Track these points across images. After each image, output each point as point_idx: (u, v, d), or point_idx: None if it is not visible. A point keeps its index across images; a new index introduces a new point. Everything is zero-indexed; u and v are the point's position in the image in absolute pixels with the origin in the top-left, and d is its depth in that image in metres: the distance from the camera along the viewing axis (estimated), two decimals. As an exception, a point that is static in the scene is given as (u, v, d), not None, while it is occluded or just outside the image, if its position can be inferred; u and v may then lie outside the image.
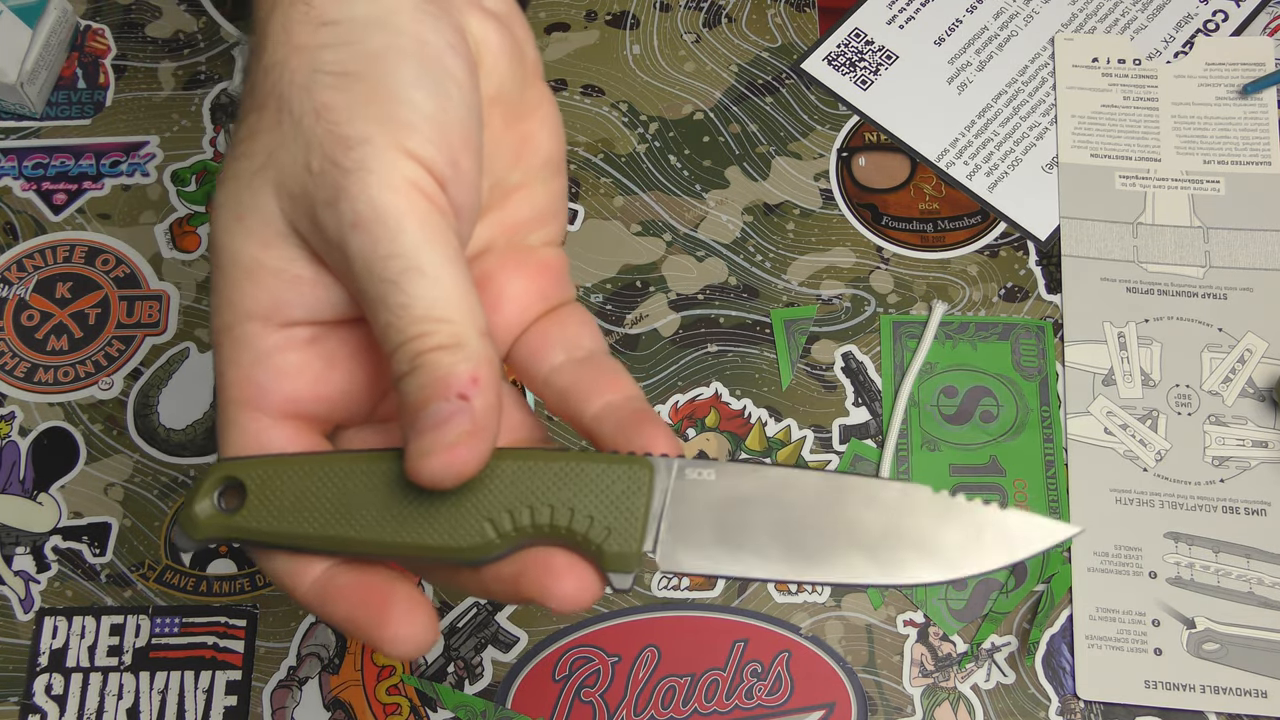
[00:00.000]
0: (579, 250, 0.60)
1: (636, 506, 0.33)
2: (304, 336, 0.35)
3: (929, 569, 0.33)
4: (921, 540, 0.33)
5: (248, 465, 0.34)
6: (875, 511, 0.34)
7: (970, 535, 0.33)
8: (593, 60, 0.64)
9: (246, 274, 0.34)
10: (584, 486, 0.33)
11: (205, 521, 0.34)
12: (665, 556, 0.34)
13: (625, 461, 0.34)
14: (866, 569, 0.33)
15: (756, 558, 0.34)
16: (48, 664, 0.54)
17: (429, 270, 0.33)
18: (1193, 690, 0.52)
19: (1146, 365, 0.57)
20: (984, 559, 0.33)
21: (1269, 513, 0.54)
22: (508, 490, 0.33)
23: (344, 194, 0.33)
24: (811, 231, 0.61)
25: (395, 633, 0.33)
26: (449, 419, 0.32)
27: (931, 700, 0.52)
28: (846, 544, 0.34)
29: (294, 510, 0.34)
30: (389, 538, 0.33)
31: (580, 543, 0.33)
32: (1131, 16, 0.64)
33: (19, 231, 0.61)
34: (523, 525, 0.33)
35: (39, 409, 0.58)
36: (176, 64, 0.65)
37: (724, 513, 0.34)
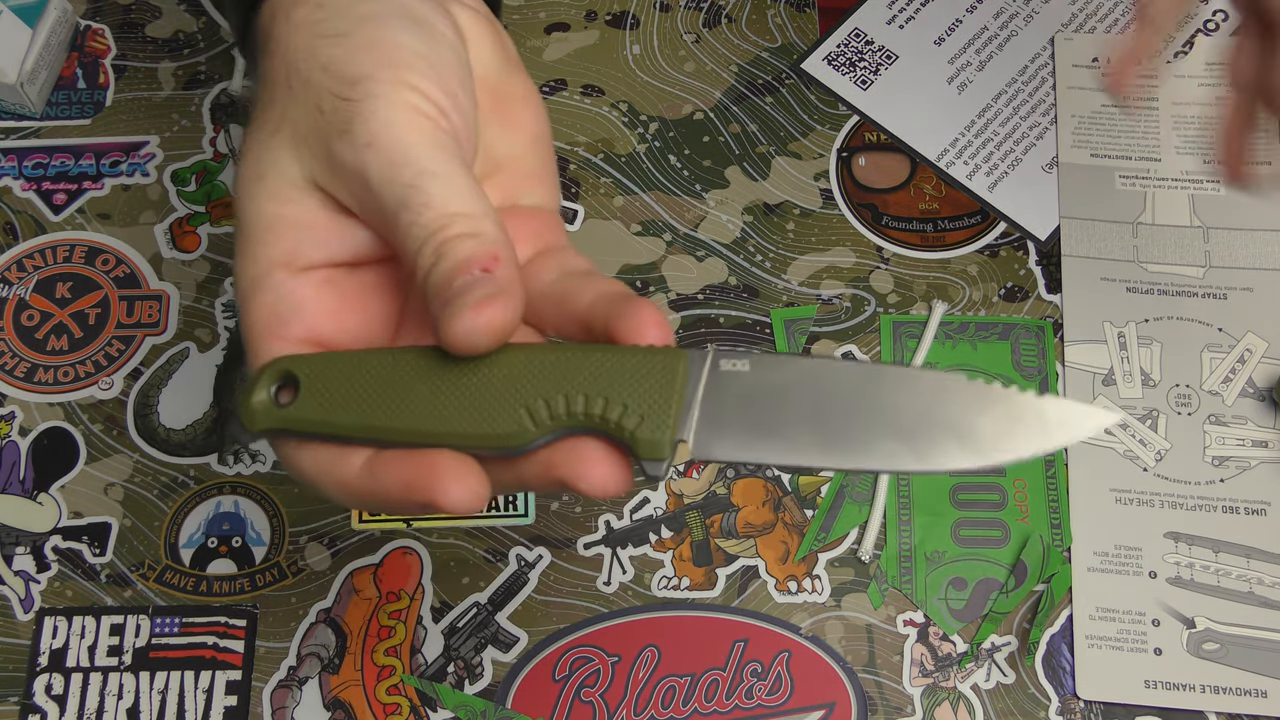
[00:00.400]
0: (579, 250, 0.60)
1: (670, 395, 0.34)
2: (321, 277, 0.37)
3: (965, 455, 0.33)
4: (957, 426, 0.33)
5: (300, 360, 0.36)
6: (910, 398, 0.34)
7: (1006, 419, 0.33)
8: (593, 60, 0.64)
9: (268, 228, 0.36)
10: (618, 376, 0.34)
11: (262, 414, 0.35)
12: (699, 444, 0.34)
13: (660, 353, 0.34)
14: (902, 455, 0.33)
15: (789, 445, 0.34)
16: (48, 664, 0.54)
17: (442, 173, 0.35)
18: (1193, 690, 0.52)
19: (1146, 365, 0.57)
20: (1020, 445, 0.33)
21: (1269, 512, 0.54)
22: (544, 380, 0.34)
23: (355, 119, 0.35)
24: (811, 231, 0.61)
25: (449, 485, 0.34)
26: (475, 284, 0.34)
27: (931, 700, 0.52)
28: (882, 430, 0.34)
29: (344, 401, 0.35)
30: (431, 426, 0.34)
31: (614, 430, 0.34)
32: (1131, 16, 0.64)
33: (19, 231, 0.61)
34: (558, 414, 0.34)
35: (39, 409, 0.58)
36: (176, 64, 0.65)
37: (758, 402, 0.34)
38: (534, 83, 0.43)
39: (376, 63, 0.36)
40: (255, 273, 0.36)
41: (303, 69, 0.37)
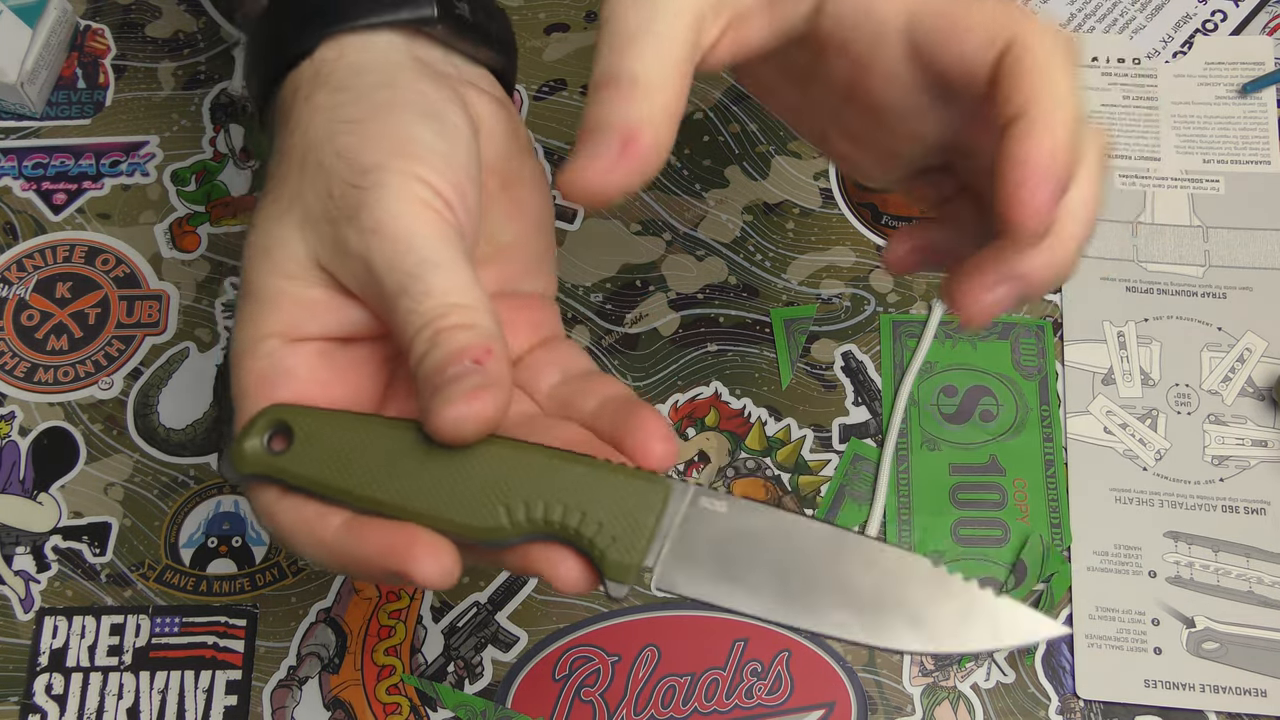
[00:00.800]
0: (579, 250, 0.60)
1: (645, 522, 0.35)
2: (315, 349, 0.38)
3: (912, 637, 0.35)
4: (911, 610, 0.35)
5: (298, 413, 0.36)
6: (872, 574, 0.35)
7: (959, 613, 0.35)
8: (593, 60, 0.64)
9: (270, 300, 0.38)
10: (600, 493, 0.35)
11: (252, 458, 0.36)
12: (663, 575, 0.35)
13: (644, 478, 0.35)
14: (854, 628, 0.35)
15: (750, 595, 0.35)
16: (48, 664, 0.54)
17: (444, 263, 0.36)
18: (1192, 689, 0.52)
19: (1146, 364, 0.57)
20: (967, 640, 0.35)
21: (1268, 512, 0.55)
22: (526, 482, 0.35)
23: (363, 206, 0.36)
24: (811, 231, 0.61)
25: (425, 559, 0.34)
26: (462, 375, 0.35)
27: (931, 699, 0.52)
28: (839, 600, 0.35)
29: (334, 461, 0.36)
30: (414, 504, 0.35)
31: (586, 545, 0.35)
32: (1130, 16, 0.65)
33: (19, 231, 0.61)
34: (535, 518, 0.35)
35: (39, 409, 0.58)
36: (176, 64, 0.65)
37: (728, 545, 0.35)
38: (540, 164, 0.45)
39: (388, 153, 0.37)
40: (251, 337, 0.38)
41: (318, 152, 0.38)
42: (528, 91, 0.64)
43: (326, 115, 0.39)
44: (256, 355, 0.38)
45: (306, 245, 0.38)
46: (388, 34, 0.42)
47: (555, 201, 0.61)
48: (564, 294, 0.60)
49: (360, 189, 0.37)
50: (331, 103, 0.39)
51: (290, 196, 0.39)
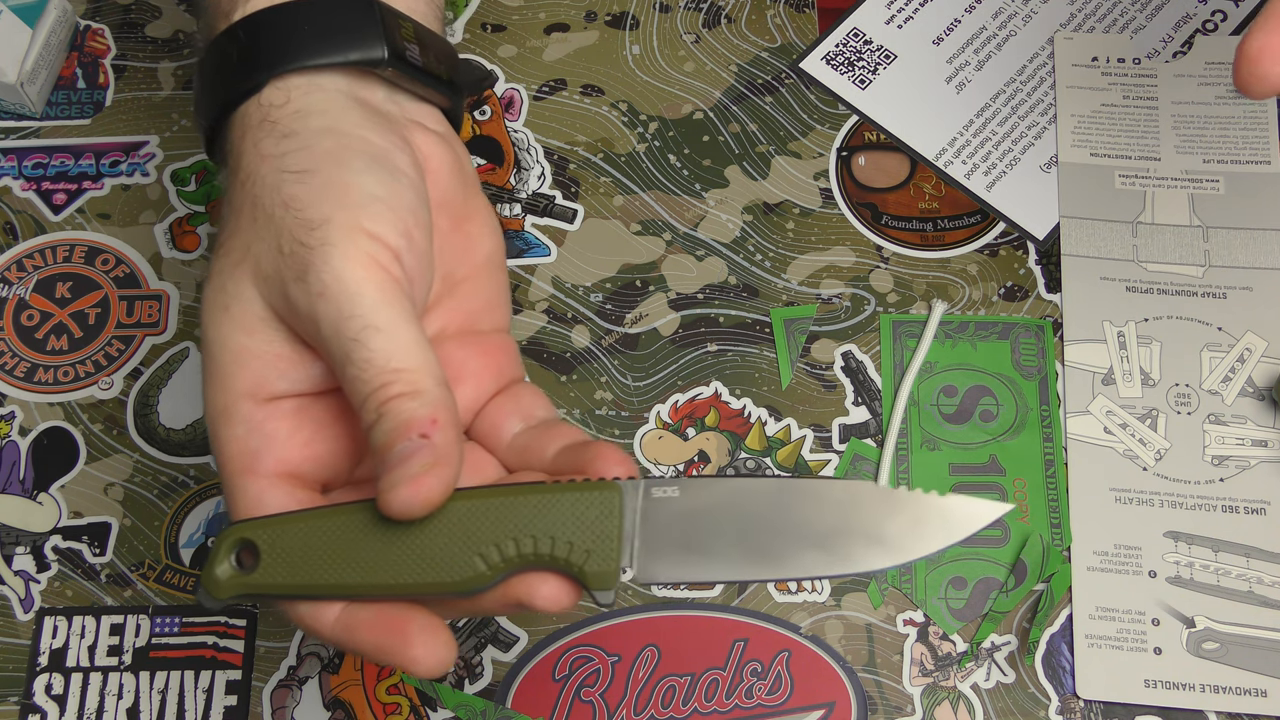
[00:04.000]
0: (579, 250, 0.60)
1: (610, 528, 0.37)
2: (289, 407, 0.39)
3: (879, 556, 0.37)
4: (868, 531, 0.37)
5: (256, 526, 0.37)
6: (824, 509, 0.37)
7: (912, 521, 0.37)
8: (592, 60, 0.65)
9: (234, 358, 0.39)
10: (560, 515, 0.37)
11: (226, 583, 0.37)
12: (641, 570, 0.37)
13: (595, 487, 0.37)
14: (823, 561, 0.37)
15: (722, 562, 0.37)
16: (48, 664, 0.54)
17: (385, 327, 0.36)
18: (1193, 689, 0.52)
19: (1146, 364, 0.57)
20: (927, 542, 0.37)
21: (1268, 512, 0.55)
22: (492, 525, 0.37)
23: (310, 268, 0.37)
24: (811, 231, 0.61)
25: (418, 653, 0.36)
26: (412, 454, 0.36)
27: (931, 699, 0.52)
28: (801, 542, 0.37)
29: (303, 563, 0.37)
30: (391, 579, 0.37)
31: (564, 566, 0.37)
32: (1130, 16, 0.65)
33: (19, 231, 0.61)
34: (509, 556, 0.37)
35: (39, 409, 0.58)
36: (176, 64, 0.65)
37: (689, 525, 0.37)
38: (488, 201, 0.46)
39: (335, 204, 0.38)
40: (224, 402, 0.39)
41: (266, 203, 0.39)
42: (527, 91, 0.64)
43: (274, 164, 0.39)
44: (233, 422, 0.38)
45: (263, 301, 0.39)
46: (333, 75, 0.42)
47: (555, 202, 0.61)
48: (564, 294, 0.60)
49: (308, 248, 0.37)
50: (278, 150, 0.40)
51: (242, 249, 0.39)
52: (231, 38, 0.43)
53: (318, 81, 0.42)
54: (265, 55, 0.42)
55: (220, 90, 0.42)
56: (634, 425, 0.57)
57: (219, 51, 0.43)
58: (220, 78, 0.43)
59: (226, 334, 0.39)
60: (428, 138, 0.44)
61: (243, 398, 0.39)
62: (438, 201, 0.43)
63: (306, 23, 0.42)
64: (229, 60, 0.42)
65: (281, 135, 0.40)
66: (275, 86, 0.41)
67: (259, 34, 0.42)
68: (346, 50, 0.42)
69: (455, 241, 0.44)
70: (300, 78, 0.42)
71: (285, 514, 0.38)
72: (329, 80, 0.42)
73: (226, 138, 0.43)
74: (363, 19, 0.43)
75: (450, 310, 0.44)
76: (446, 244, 0.43)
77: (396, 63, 0.43)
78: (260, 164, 0.40)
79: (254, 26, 0.42)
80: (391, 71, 0.43)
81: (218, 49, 0.43)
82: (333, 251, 0.37)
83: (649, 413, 0.57)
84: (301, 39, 0.42)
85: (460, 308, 0.44)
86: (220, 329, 0.39)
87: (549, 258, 0.60)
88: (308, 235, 0.37)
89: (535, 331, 0.59)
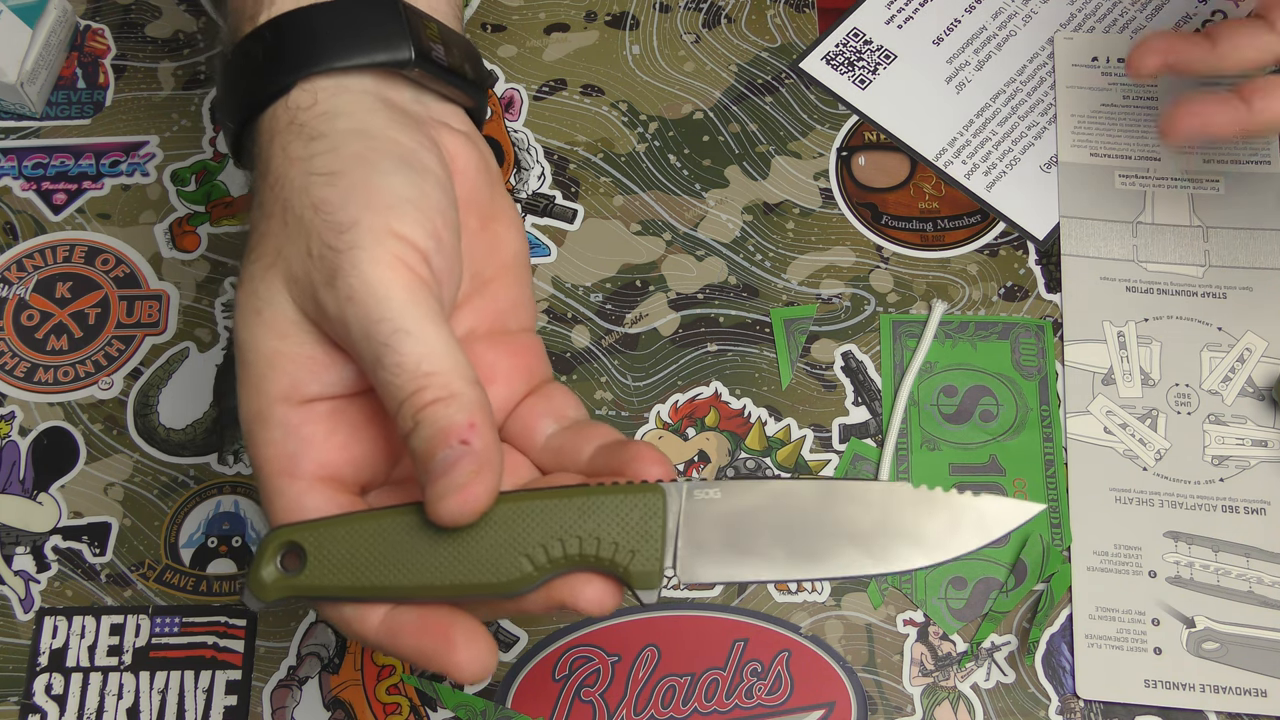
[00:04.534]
0: (579, 250, 0.60)
1: (654, 529, 0.37)
2: (325, 410, 0.39)
3: (917, 555, 0.38)
4: (907, 531, 0.38)
5: (303, 529, 0.38)
6: (864, 510, 0.38)
7: (949, 522, 0.38)
8: (592, 60, 0.65)
9: (268, 363, 0.39)
10: (606, 516, 0.37)
11: (272, 585, 0.38)
12: (685, 570, 0.38)
13: (640, 490, 0.38)
14: (863, 561, 0.38)
15: (765, 562, 0.38)
16: (48, 664, 0.54)
17: (414, 330, 0.37)
18: (1193, 689, 0.52)
19: (1146, 364, 0.57)
20: (964, 541, 0.38)
21: (1268, 512, 0.55)
22: (538, 528, 0.37)
23: (339, 273, 0.37)
24: (811, 231, 0.61)
25: (462, 659, 0.37)
26: (455, 463, 0.36)
27: (931, 699, 0.52)
28: (842, 541, 0.38)
29: (350, 566, 0.37)
30: (437, 581, 0.37)
31: (609, 567, 0.37)
32: (1130, 16, 0.65)
33: (19, 231, 0.61)
34: (555, 557, 0.37)
35: (39, 409, 0.58)
36: (176, 64, 0.65)
37: (731, 525, 0.38)
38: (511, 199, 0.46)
39: (363, 206, 0.38)
40: (259, 406, 0.39)
41: (295, 206, 0.39)
42: (527, 91, 0.64)
43: (302, 167, 0.40)
44: (269, 426, 0.39)
45: (294, 304, 0.39)
46: (360, 76, 0.42)
47: (555, 202, 0.61)
48: (564, 294, 0.60)
49: (336, 251, 0.37)
50: (307, 153, 0.40)
51: (273, 252, 0.39)
52: (258, 40, 0.43)
53: (344, 83, 0.42)
54: (292, 57, 0.42)
55: (247, 92, 0.43)
56: (634, 425, 0.57)
57: (245, 54, 0.43)
58: (247, 80, 0.43)
59: (259, 338, 0.39)
60: (454, 138, 0.44)
61: (277, 401, 0.39)
62: (465, 201, 0.43)
63: (333, 25, 0.42)
64: (255, 62, 0.42)
65: (309, 138, 0.40)
66: (302, 89, 0.42)
67: (285, 36, 0.42)
68: (373, 52, 0.42)
69: (483, 241, 0.44)
70: (327, 80, 0.42)
71: (331, 517, 0.38)
72: (355, 82, 0.42)
73: (254, 140, 0.43)
74: (389, 20, 0.43)
75: (479, 310, 0.44)
76: (475, 243, 0.43)
77: (423, 63, 0.43)
78: (289, 167, 0.40)
79: (280, 29, 0.42)
80: (418, 72, 0.43)
81: (244, 51, 0.43)
82: (360, 255, 0.37)
83: (649, 413, 0.57)
84: (328, 41, 0.42)
85: (489, 307, 0.44)
86: (253, 333, 0.39)
87: (549, 258, 0.60)
88: (336, 239, 0.38)
89: (535, 330, 0.59)
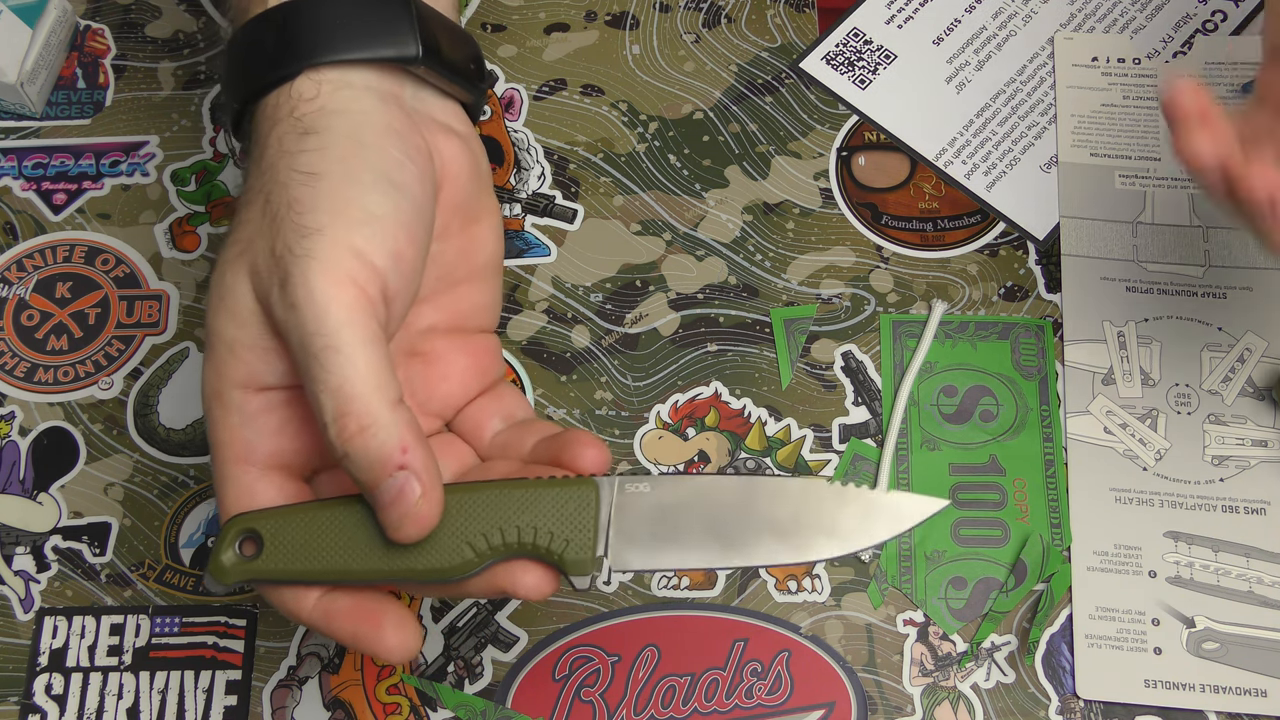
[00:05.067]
0: (579, 250, 0.60)
1: (587, 520, 0.40)
2: (279, 399, 0.40)
3: (832, 545, 0.41)
4: (824, 523, 0.41)
5: (260, 517, 0.40)
6: (785, 503, 0.41)
7: (862, 515, 0.41)
8: (592, 60, 0.65)
9: (228, 349, 0.40)
10: (542, 507, 0.40)
11: (231, 569, 0.40)
12: (616, 558, 0.40)
13: (575, 483, 0.40)
14: (782, 551, 0.41)
15: (691, 551, 0.41)
16: (48, 664, 0.54)
17: (344, 349, 0.37)
18: (1193, 689, 0.52)
19: (1146, 364, 0.57)
20: (875, 533, 0.41)
21: (1268, 512, 0.55)
22: (480, 517, 0.40)
23: (289, 278, 0.38)
24: (811, 231, 0.61)
25: (392, 642, 0.39)
26: (401, 491, 0.38)
27: (931, 699, 0.52)
28: (763, 533, 0.41)
29: (304, 552, 0.40)
30: (385, 567, 0.40)
31: (544, 554, 0.40)
32: (1130, 16, 0.65)
33: (19, 231, 0.61)
34: (496, 545, 0.40)
35: (39, 409, 0.58)
36: (176, 64, 0.65)
37: (660, 518, 0.41)
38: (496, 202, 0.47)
39: (333, 215, 0.39)
40: (218, 387, 0.40)
41: (274, 200, 0.40)
42: (527, 91, 0.64)
43: (289, 161, 0.40)
44: (228, 409, 0.40)
45: (254, 296, 0.39)
46: (364, 71, 0.43)
47: (555, 202, 0.61)
48: (564, 294, 0.60)
49: (294, 256, 0.38)
50: (296, 147, 0.40)
51: (246, 241, 0.40)
52: (270, 22, 0.43)
53: (348, 77, 0.42)
54: (303, 44, 0.42)
55: (254, 74, 0.43)
56: (634, 425, 0.57)
57: (254, 34, 0.43)
58: (254, 61, 0.43)
59: (222, 324, 0.40)
60: (449, 141, 0.44)
61: (234, 386, 0.40)
62: (451, 205, 0.44)
63: (343, 15, 0.42)
64: (264, 45, 0.43)
65: (302, 132, 0.41)
66: (308, 77, 0.42)
67: (297, 22, 0.42)
68: (381, 46, 0.43)
69: (460, 243, 0.45)
70: (333, 71, 0.42)
71: (286, 506, 0.40)
72: (359, 76, 0.42)
73: (254, 123, 0.43)
74: (397, 15, 0.43)
75: (443, 308, 0.45)
76: (452, 245, 0.44)
77: (429, 60, 0.43)
78: (279, 159, 0.40)
79: (293, 14, 0.43)
80: (423, 69, 0.43)
81: (253, 31, 0.43)
82: (312, 265, 0.38)
83: (649, 413, 0.57)
84: (338, 32, 0.42)
85: (453, 306, 0.45)
86: (218, 318, 0.40)
87: (549, 258, 0.60)
88: (298, 242, 0.38)
89: (535, 331, 0.59)
